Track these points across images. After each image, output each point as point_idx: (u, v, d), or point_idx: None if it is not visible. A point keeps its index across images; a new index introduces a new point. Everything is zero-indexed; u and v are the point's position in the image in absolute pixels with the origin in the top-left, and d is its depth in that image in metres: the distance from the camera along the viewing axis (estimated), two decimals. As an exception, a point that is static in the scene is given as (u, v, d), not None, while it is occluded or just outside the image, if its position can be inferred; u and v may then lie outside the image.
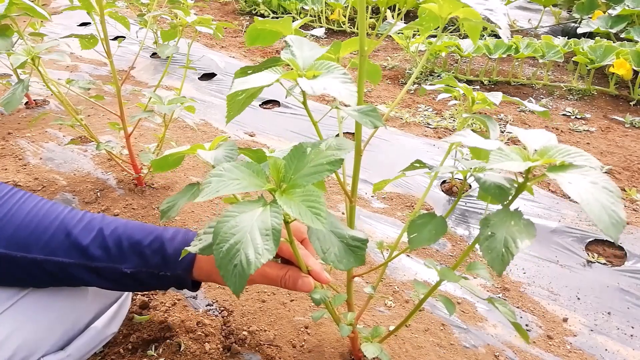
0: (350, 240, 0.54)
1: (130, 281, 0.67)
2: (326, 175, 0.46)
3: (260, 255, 0.41)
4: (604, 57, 2.01)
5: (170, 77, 2.35)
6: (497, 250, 0.44)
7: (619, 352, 0.93)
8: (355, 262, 0.53)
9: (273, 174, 0.48)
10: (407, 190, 1.45)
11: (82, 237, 0.64)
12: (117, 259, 0.65)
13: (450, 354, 0.92)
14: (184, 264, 0.67)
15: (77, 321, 0.71)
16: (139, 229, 0.68)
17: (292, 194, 0.45)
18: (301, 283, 0.65)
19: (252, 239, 0.42)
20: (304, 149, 0.49)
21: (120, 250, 0.65)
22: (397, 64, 2.53)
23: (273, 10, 3.43)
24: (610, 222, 0.39)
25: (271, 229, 0.42)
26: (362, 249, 0.54)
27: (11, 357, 0.60)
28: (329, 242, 0.53)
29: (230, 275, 0.42)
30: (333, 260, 0.52)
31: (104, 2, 1.13)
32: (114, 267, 0.65)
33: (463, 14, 0.59)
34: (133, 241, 0.66)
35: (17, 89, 1.07)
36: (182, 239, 0.69)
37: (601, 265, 1.14)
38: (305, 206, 0.43)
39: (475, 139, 0.51)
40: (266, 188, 0.46)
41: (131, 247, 0.66)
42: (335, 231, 0.55)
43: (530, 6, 3.22)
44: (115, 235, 0.66)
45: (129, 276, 0.66)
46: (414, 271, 1.14)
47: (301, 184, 0.46)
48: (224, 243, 0.42)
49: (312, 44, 0.55)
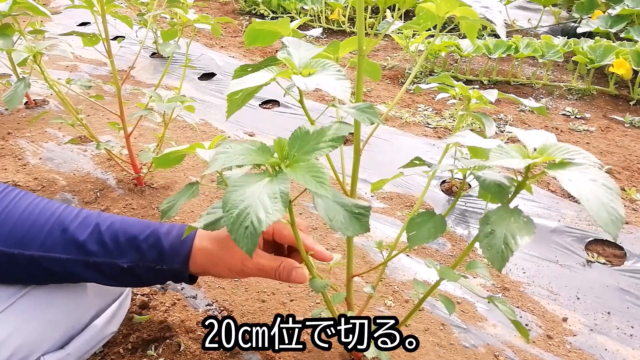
0: (354, 208, 0.56)
1: (128, 276, 0.67)
2: (328, 151, 0.48)
3: (270, 214, 0.43)
4: (604, 56, 2.01)
5: (170, 76, 2.35)
6: (496, 247, 0.44)
7: (619, 352, 0.93)
8: (360, 228, 0.55)
9: (277, 151, 0.50)
10: (406, 190, 1.45)
11: (79, 233, 0.64)
12: (114, 253, 0.65)
13: (450, 354, 0.92)
14: (180, 258, 0.67)
15: (77, 320, 0.71)
16: (135, 224, 0.68)
17: (296, 167, 0.48)
18: (295, 274, 0.66)
19: (262, 202, 0.44)
20: (307, 130, 0.52)
21: (117, 245, 0.65)
22: (397, 64, 2.53)
23: (273, 10, 3.43)
24: (610, 219, 0.39)
25: (279, 193, 0.45)
26: (365, 216, 0.56)
27: (11, 355, 0.60)
28: (334, 210, 0.56)
29: (242, 237, 0.43)
30: (340, 227, 0.54)
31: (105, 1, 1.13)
32: (111, 262, 0.65)
33: (460, 13, 0.59)
34: (129, 236, 0.66)
35: (19, 87, 1.07)
36: (177, 233, 0.69)
37: (601, 265, 1.14)
38: (310, 175, 0.45)
39: (474, 138, 0.51)
40: (270, 162, 0.49)
41: (128, 242, 0.66)
42: (339, 201, 0.57)
43: (530, 6, 3.22)
44: (112, 231, 0.66)
45: (126, 271, 0.66)
46: (414, 271, 1.14)
47: (304, 159, 0.48)
48: (234, 209, 0.44)
49: (309, 45, 0.56)
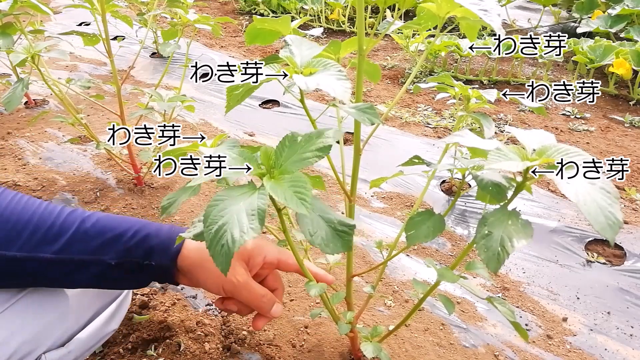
0: (338, 225, 0.55)
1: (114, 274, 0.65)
2: (315, 161, 0.48)
3: (244, 233, 0.43)
4: (604, 56, 2.01)
5: (170, 76, 2.35)
6: (493, 249, 0.44)
7: (619, 352, 0.93)
8: (342, 247, 0.53)
9: (263, 160, 0.50)
10: (406, 190, 1.45)
11: (64, 230, 0.62)
12: (100, 250, 0.64)
13: (450, 354, 0.92)
14: (169, 254, 0.66)
15: (78, 318, 0.71)
16: (122, 221, 0.67)
17: (280, 180, 0.47)
18: (275, 309, 0.69)
19: (239, 220, 0.44)
20: (295, 137, 0.51)
21: (102, 242, 0.64)
22: (397, 64, 2.53)
23: (273, 10, 3.43)
24: (607, 223, 0.39)
25: (257, 209, 0.44)
26: (349, 234, 0.54)
27: (13, 354, 0.60)
28: (316, 225, 0.54)
29: (218, 255, 0.44)
30: (320, 244, 0.53)
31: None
32: (97, 260, 0.64)
33: (461, 13, 0.59)
34: (116, 232, 0.65)
35: (18, 87, 1.07)
36: (167, 231, 0.68)
37: (601, 265, 1.14)
38: (291, 191, 0.44)
39: (473, 138, 0.51)
40: (254, 174, 0.48)
41: (114, 238, 0.64)
42: (324, 216, 0.55)
43: (530, 6, 3.22)
44: (98, 228, 0.65)
45: (112, 268, 0.64)
46: (414, 271, 1.14)
47: (290, 170, 0.47)
48: (213, 225, 0.44)
49: (311, 43, 0.55)
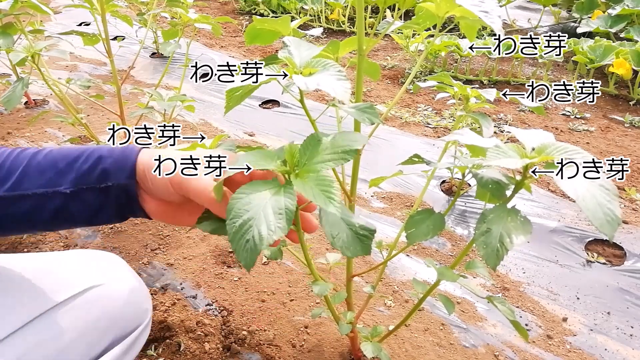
0: (359, 229, 0.55)
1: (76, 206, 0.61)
2: (341, 163, 0.47)
3: (272, 232, 0.42)
4: (604, 56, 2.01)
5: (170, 76, 2.35)
6: (492, 245, 0.44)
7: (619, 352, 0.93)
8: (362, 250, 0.53)
9: (288, 158, 0.49)
10: (406, 190, 1.45)
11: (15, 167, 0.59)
12: (54, 182, 0.60)
13: (450, 354, 0.92)
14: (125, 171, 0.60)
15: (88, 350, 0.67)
16: (76, 149, 0.63)
17: (306, 178, 0.46)
18: None
19: (265, 217, 0.43)
20: (319, 137, 0.50)
21: (56, 173, 0.60)
22: (397, 64, 2.53)
23: (273, 10, 3.43)
24: (606, 220, 0.39)
25: (284, 209, 0.43)
26: (369, 239, 0.54)
27: None
28: (338, 228, 0.54)
29: (242, 250, 0.42)
30: (341, 246, 0.53)
31: (104, 1, 1.13)
32: (53, 192, 0.60)
33: (460, 13, 0.59)
34: (69, 160, 0.61)
35: (17, 87, 1.07)
36: (121, 148, 0.62)
37: (601, 265, 1.14)
38: (318, 189, 0.44)
39: (472, 137, 0.51)
40: (280, 170, 0.48)
41: (68, 166, 0.61)
42: (345, 219, 0.55)
43: (530, 6, 3.22)
44: (50, 159, 0.61)
45: (71, 198, 0.60)
46: (414, 270, 1.14)
47: (315, 170, 0.47)
48: (237, 218, 0.43)
49: (310, 44, 0.55)
